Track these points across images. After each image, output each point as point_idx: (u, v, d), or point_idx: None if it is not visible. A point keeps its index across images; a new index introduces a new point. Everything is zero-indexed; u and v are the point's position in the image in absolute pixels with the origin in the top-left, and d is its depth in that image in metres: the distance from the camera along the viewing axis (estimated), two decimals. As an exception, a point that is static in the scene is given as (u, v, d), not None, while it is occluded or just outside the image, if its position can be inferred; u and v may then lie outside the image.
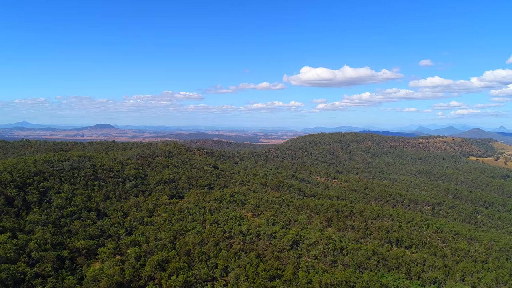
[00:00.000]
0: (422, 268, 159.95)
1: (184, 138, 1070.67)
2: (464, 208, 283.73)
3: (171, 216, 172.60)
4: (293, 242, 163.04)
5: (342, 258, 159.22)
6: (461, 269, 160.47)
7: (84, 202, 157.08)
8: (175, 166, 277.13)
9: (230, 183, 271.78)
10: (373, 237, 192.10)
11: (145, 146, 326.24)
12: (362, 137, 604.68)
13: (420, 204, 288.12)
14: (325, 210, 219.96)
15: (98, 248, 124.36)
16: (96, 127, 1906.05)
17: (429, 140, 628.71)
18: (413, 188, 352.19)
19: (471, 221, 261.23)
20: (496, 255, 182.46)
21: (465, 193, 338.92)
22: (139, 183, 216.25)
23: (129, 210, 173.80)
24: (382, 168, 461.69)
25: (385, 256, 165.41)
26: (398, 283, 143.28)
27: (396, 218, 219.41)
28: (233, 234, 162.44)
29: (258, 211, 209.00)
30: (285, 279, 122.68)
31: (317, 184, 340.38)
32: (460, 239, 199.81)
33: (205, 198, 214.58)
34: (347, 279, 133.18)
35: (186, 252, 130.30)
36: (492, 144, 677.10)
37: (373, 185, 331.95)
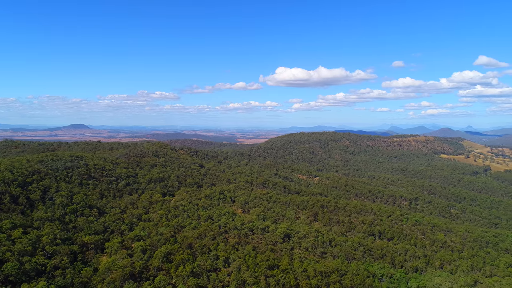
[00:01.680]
0: (405, 258, 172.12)
1: (162, 138, 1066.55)
2: (439, 203, 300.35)
3: (167, 213, 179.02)
4: (285, 236, 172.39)
5: (331, 249, 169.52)
6: (440, 258, 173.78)
7: (84, 200, 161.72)
8: (163, 165, 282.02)
9: (217, 181, 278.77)
10: (357, 230, 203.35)
11: (132, 146, 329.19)
12: (340, 136, 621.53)
13: (398, 199, 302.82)
14: (311, 206, 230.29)
15: (104, 243, 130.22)
16: (70, 127, 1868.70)
17: (403, 139, 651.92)
18: (391, 185, 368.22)
19: (445, 214, 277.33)
20: (471, 245, 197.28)
21: (439, 189, 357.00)
22: (131, 182, 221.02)
23: (125, 207, 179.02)
24: (360, 166, 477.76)
25: (370, 248, 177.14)
26: (384, 272, 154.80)
27: (377, 213, 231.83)
28: (228, 228, 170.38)
29: (247, 208, 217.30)
30: (283, 268, 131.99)
31: (299, 181, 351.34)
32: (437, 231, 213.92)
33: (196, 196, 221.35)
34: (338, 268, 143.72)
35: (188, 245, 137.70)
36: (461, 142, 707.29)
37: (353, 182, 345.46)
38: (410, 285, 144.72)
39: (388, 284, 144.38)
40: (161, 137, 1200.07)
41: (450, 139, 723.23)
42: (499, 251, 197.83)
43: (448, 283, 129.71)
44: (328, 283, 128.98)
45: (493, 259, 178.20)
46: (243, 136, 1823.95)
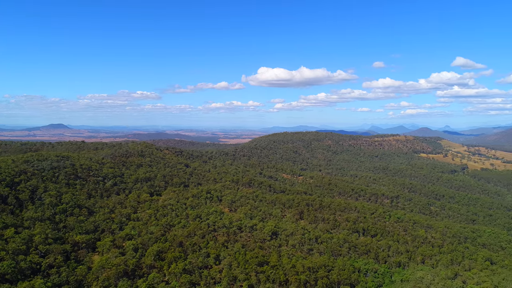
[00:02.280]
0: (388, 254, 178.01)
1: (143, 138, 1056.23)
2: (419, 201, 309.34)
3: (155, 212, 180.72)
4: (272, 233, 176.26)
5: (317, 246, 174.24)
6: (421, 253, 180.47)
7: (73, 199, 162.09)
8: (149, 165, 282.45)
9: (204, 181, 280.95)
10: (342, 227, 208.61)
11: (117, 146, 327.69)
12: (323, 136, 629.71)
13: (380, 197, 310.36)
14: (297, 204, 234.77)
15: (96, 242, 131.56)
16: (48, 127, 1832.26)
17: (384, 138, 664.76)
18: (373, 183, 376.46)
19: (426, 212, 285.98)
20: (450, 240, 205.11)
21: (419, 187, 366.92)
22: (118, 182, 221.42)
23: (114, 207, 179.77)
24: (343, 165, 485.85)
25: (355, 244, 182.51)
26: (369, 267, 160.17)
27: (361, 210, 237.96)
28: (217, 227, 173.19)
29: (234, 207, 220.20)
30: (272, 264, 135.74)
31: (284, 181, 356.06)
32: (418, 227, 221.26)
33: (184, 195, 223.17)
34: (325, 263, 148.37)
35: (179, 243, 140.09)
36: (440, 142, 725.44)
37: (336, 181, 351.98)
38: (394, 279, 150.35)
39: (373, 279, 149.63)
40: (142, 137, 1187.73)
41: (429, 139, 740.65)
42: (477, 246, 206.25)
43: (430, 276, 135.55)
44: (316, 278, 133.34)
45: (471, 254, 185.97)
46: (225, 136, 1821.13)
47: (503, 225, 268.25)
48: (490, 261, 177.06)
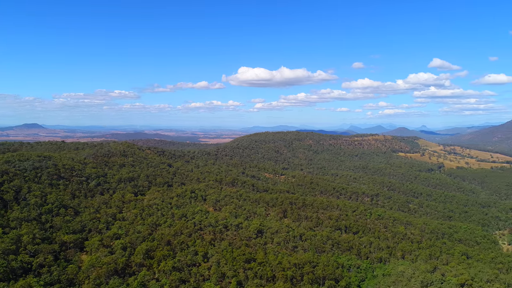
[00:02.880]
0: (369, 250, 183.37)
1: (121, 138, 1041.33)
2: (398, 199, 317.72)
3: (141, 212, 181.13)
4: (258, 231, 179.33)
5: (302, 243, 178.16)
6: (401, 249, 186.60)
7: (58, 199, 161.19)
8: (131, 165, 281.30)
9: (187, 180, 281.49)
10: (325, 225, 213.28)
11: (98, 146, 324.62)
12: (303, 135, 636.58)
13: (361, 196, 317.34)
14: (280, 203, 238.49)
15: (83, 242, 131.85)
16: (22, 127, 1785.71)
17: (363, 138, 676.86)
18: (353, 182, 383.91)
19: (404, 209, 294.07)
20: (428, 236, 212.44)
21: (397, 185, 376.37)
22: (102, 182, 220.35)
23: (99, 207, 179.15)
24: (323, 164, 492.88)
25: (338, 241, 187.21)
26: (351, 263, 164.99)
27: (343, 208, 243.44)
28: (203, 226, 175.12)
29: (219, 206, 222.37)
30: (259, 261, 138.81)
31: (266, 180, 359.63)
32: (398, 224, 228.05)
33: (168, 195, 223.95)
34: (310, 260, 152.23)
35: (167, 242, 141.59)
36: (417, 141, 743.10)
37: (318, 180, 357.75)
38: (376, 274, 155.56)
39: (356, 274, 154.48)
40: (120, 137, 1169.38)
41: (407, 138, 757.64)
42: (453, 241, 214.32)
43: (410, 270, 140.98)
44: (302, 274, 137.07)
45: (448, 249, 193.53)
46: (205, 135, 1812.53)
47: (478, 221, 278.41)
48: (466, 255, 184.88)
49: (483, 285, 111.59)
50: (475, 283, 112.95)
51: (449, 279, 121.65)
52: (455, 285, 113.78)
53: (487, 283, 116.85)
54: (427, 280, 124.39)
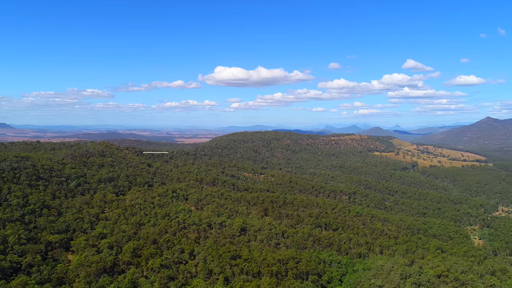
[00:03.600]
0: (349, 246, 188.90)
1: (95, 138, 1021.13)
2: (375, 196, 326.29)
3: (124, 212, 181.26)
4: (241, 229, 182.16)
5: (284, 241, 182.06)
6: (379, 244, 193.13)
7: (40, 200, 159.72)
8: (111, 165, 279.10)
9: (167, 180, 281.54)
10: (305, 222, 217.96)
11: (75, 146, 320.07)
12: (281, 135, 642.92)
13: (339, 194, 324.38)
14: (261, 201, 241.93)
15: (69, 241, 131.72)
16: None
17: (340, 137, 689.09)
18: (331, 181, 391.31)
19: (381, 206, 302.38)
20: (405, 232, 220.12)
21: (373, 183, 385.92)
22: (82, 182, 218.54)
23: (80, 207, 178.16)
24: (302, 164, 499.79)
25: (319, 238, 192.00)
26: (333, 258, 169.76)
27: (322, 206, 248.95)
28: (187, 225, 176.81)
29: (201, 205, 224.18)
30: (244, 258, 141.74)
31: (246, 179, 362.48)
32: (375, 221, 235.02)
33: (150, 194, 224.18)
34: (293, 256, 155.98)
35: (153, 241, 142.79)
36: (391, 141, 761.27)
37: (296, 179, 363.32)
38: (356, 268, 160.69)
39: (337, 269, 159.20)
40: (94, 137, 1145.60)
41: (382, 138, 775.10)
42: (428, 236, 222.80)
43: (389, 264, 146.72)
44: (287, 269, 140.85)
45: (424, 243, 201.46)
46: (181, 135, 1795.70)
47: (451, 217, 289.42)
48: (441, 249, 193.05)
49: (458, 275, 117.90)
50: (451, 274, 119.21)
51: (427, 271, 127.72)
52: (433, 276, 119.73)
53: (462, 274, 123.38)
54: (406, 272, 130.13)
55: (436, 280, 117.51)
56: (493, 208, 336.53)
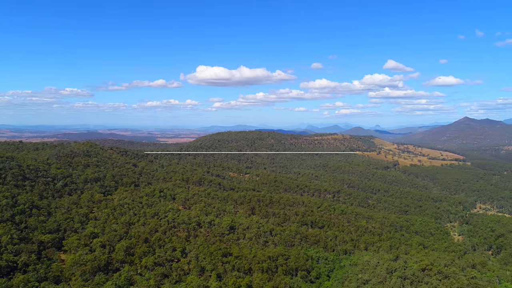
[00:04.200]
0: (335, 243, 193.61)
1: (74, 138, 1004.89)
2: (358, 195, 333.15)
3: (113, 211, 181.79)
4: (230, 228, 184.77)
5: (272, 238, 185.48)
6: (364, 241, 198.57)
7: (29, 200, 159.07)
8: (96, 165, 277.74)
9: (153, 180, 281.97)
10: (292, 221, 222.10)
11: (59, 146, 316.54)
12: (265, 135, 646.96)
13: (323, 193, 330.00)
14: (248, 200, 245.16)
15: (61, 241, 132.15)
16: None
17: (323, 137, 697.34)
18: (315, 180, 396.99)
19: (364, 205, 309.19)
20: (388, 229, 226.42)
21: (357, 182, 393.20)
22: (69, 182, 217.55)
23: (69, 207, 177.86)
24: (286, 163, 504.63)
25: (306, 235, 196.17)
26: (320, 255, 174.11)
27: (308, 205, 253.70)
28: (176, 224, 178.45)
29: (188, 204, 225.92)
30: (235, 255, 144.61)
31: (231, 179, 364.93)
32: (360, 218, 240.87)
33: (137, 194, 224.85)
34: (282, 253, 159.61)
35: (145, 239, 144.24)
36: (373, 140, 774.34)
37: (281, 178, 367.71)
38: (343, 264, 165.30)
39: (325, 265, 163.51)
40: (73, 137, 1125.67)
41: (363, 137, 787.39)
42: (411, 233, 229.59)
43: (375, 259, 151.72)
44: (277, 266, 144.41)
45: (407, 240, 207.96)
46: (163, 135, 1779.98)
47: (431, 214, 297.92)
48: (423, 245, 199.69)
49: (441, 269, 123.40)
50: (434, 267, 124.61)
51: (411, 265, 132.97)
52: (417, 270, 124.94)
53: (445, 267, 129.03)
54: (391, 267, 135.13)
55: (421, 274, 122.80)
56: (471, 206, 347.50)
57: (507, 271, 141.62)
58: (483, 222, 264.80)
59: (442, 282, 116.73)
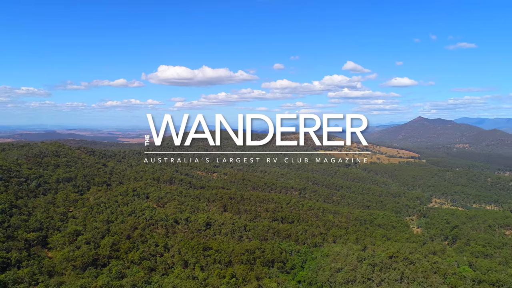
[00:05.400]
0: (305, 236, 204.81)
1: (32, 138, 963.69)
2: (323, 192, 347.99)
3: (90, 210, 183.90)
4: (206, 224, 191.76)
5: (246, 233, 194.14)
6: (332, 234, 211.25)
7: (8, 200, 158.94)
8: (67, 165, 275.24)
9: (125, 179, 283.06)
10: (263, 217, 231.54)
11: (25, 146, 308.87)
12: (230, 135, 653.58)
13: (290, 190, 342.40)
14: (220, 198, 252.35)
15: (45, 239, 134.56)
16: None
17: (287, 136, 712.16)
18: (281, 178, 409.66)
19: (329, 201, 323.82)
20: (353, 223, 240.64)
21: (321, 179, 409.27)
22: (42, 182, 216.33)
23: (46, 207, 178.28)
24: (251, 162, 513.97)
25: (278, 230, 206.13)
26: (292, 248, 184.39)
27: (277, 201, 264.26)
28: (154, 221, 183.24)
29: (162, 202, 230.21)
30: (215, 249, 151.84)
31: (200, 177, 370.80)
32: (327, 213, 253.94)
33: (111, 193, 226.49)
34: (258, 246, 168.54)
35: (127, 236, 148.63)
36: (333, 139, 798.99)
37: (249, 177, 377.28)
38: (314, 255, 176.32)
39: (298, 257, 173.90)
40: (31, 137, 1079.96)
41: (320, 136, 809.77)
42: (374, 226, 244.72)
43: (345, 250, 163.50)
44: (254, 258, 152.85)
45: (371, 232, 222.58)
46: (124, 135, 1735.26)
47: (392, 209, 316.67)
48: (386, 237, 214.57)
49: (407, 256, 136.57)
50: (400, 255, 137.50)
51: (379, 253, 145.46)
52: (385, 257, 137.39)
53: (410, 254, 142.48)
54: (361, 256, 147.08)
55: (389, 261, 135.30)
56: (427, 200, 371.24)
57: (464, 257, 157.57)
58: (439, 215, 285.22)
59: (408, 267, 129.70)
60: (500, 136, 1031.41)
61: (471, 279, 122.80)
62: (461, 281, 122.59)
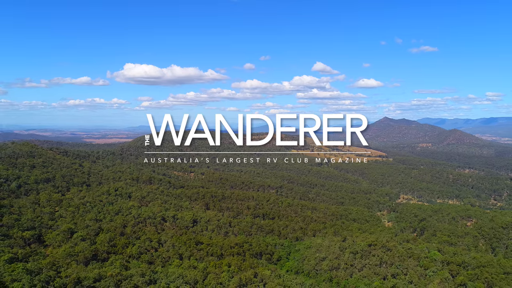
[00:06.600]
0: (287, 231, 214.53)
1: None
2: (299, 189, 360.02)
3: (77, 209, 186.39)
4: (193, 221, 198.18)
5: (232, 229, 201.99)
6: (312, 229, 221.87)
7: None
8: (43, 166, 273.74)
9: (104, 180, 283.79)
10: (245, 214, 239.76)
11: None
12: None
13: (267, 188, 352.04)
14: (202, 196, 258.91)
15: (39, 237, 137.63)
16: None
17: (260, 136, 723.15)
18: (257, 177, 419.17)
19: (305, 198, 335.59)
20: (330, 218, 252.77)
21: (296, 178, 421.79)
22: (22, 183, 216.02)
23: (31, 207, 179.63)
24: (227, 162, 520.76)
25: (261, 225, 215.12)
26: (276, 242, 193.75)
27: (257, 199, 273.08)
28: (142, 219, 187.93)
29: (145, 201, 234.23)
30: (206, 243, 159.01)
31: (177, 177, 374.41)
32: (305, 209, 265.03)
33: (94, 193, 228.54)
34: (246, 240, 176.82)
35: (121, 233, 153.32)
36: (305, 139, 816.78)
37: (226, 176, 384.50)
38: (298, 248, 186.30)
39: (282, 249, 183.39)
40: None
41: (296, 136, 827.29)
42: (349, 220, 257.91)
43: (327, 241, 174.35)
44: (244, 251, 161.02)
45: (347, 226, 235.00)
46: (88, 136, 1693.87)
47: (364, 205, 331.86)
48: (362, 230, 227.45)
49: (385, 243, 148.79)
50: (378, 243, 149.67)
51: (359, 243, 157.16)
52: (365, 246, 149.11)
53: (386, 242, 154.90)
54: (343, 246, 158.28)
55: (368, 248, 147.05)
56: (396, 196, 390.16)
57: (433, 243, 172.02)
58: (407, 210, 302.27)
59: (386, 253, 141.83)
60: (459, 136, 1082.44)
61: (440, 261, 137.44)
62: (432, 263, 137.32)
